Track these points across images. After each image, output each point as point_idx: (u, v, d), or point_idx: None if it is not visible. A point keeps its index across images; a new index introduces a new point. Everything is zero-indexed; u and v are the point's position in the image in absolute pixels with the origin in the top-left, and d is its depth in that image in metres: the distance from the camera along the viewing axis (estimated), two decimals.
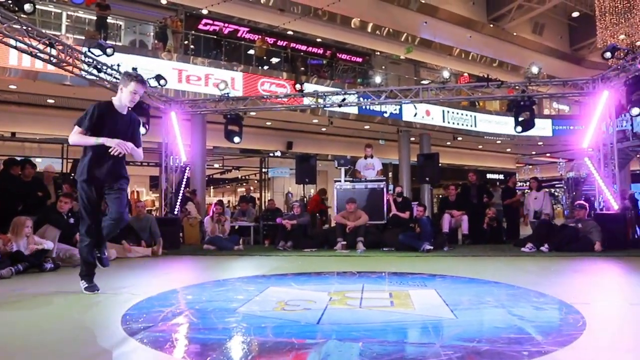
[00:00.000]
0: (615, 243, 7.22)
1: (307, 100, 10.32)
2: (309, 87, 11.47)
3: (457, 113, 17.49)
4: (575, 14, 25.42)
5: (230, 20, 17.39)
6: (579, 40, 26.53)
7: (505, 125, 18.09)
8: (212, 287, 4.13)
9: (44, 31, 7.04)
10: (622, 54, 8.06)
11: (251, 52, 15.56)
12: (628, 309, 3.18)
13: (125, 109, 3.62)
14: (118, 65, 8.16)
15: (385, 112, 15.55)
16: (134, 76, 3.57)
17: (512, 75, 22.82)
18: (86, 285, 3.68)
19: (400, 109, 15.88)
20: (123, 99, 3.55)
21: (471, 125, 17.97)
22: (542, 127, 18.78)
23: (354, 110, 14.08)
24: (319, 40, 19.40)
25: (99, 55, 7.71)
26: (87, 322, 2.84)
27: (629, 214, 8.17)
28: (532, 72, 8.86)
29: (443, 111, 17.08)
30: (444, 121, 17.15)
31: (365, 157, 9.55)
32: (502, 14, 23.51)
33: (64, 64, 7.24)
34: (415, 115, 16.24)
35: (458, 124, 17.54)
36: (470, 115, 17.94)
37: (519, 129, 9.09)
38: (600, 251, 6.77)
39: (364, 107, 14.38)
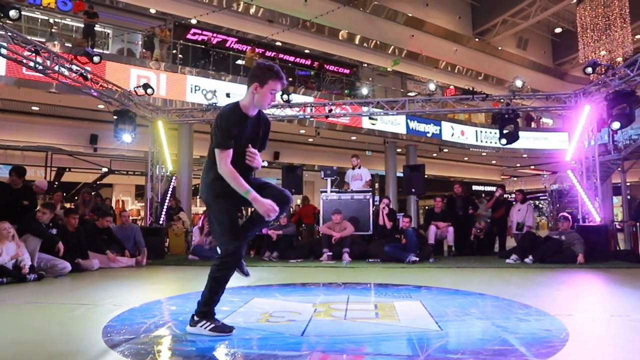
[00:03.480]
0: (598, 255, 7.32)
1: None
2: (296, 98, 11.57)
3: (491, 132, 18.06)
4: (558, 30, 26.09)
5: (219, 31, 17.46)
6: (561, 55, 27.18)
7: (545, 140, 18.73)
8: (197, 298, 4.05)
9: (29, 38, 6.98)
10: (602, 70, 8.27)
11: (239, 62, 15.60)
12: (610, 320, 3.22)
13: (255, 111, 2.79)
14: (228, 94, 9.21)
15: (428, 132, 16.80)
16: (274, 71, 2.72)
17: (497, 89, 23.24)
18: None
19: (440, 130, 17.12)
20: (258, 101, 2.71)
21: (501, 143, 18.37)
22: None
23: (342, 121, 14.20)
24: (306, 51, 19.56)
25: (85, 63, 7.66)
26: (67, 334, 2.78)
27: (612, 226, 8.30)
28: (516, 86, 9.04)
29: (476, 131, 17.96)
30: (477, 140, 17.95)
31: (353, 168, 9.55)
32: (487, 28, 24.01)
33: (50, 72, 7.16)
34: (452, 135, 17.38)
35: (491, 142, 18.12)
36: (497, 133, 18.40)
37: (504, 141, 9.23)
38: (583, 263, 6.85)
39: (410, 127, 16.17)
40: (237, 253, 2.78)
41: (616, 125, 7.54)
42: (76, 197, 12.20)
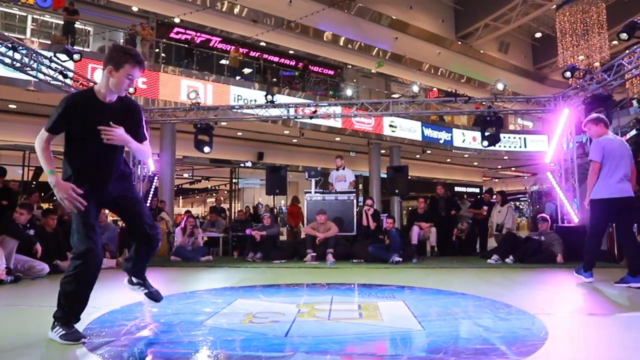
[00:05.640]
0: (576, 254, 7.44)
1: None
2: (280, 99, 11.56)
3: (506, 137, 18.41)
4: (538, 35, 26.59)
5: (202, 30, 17.32)
6: (541, 59, 27.68)
7: (525, 142, 19.08)
8: (179, 299, 4.04)
9: (6, 34, 6.83)
10: (581, 74, 8.45)
11: (223, 62, 15.51)
12: (587, 319, 3.30)
13: (114, 97, 2.63)
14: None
15: (440, 139, 17.49)
16: (130, 54, 2.57)
17: (479, 91, 23.56)
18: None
19: (452, 137, 17.75)
20: (113, 85, 2.56)
21: (521, 147, 18.83)
22: None
23: (326, 122, 14.27)
24: (291, 52, 19.53)
25: (65, 61, 7.52)
26: (46, 337, 2.71)
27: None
28: (497, 89, 9.16)
29: None
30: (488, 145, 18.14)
31: (337, 169, 9.55)
32: (469, 32, 24.32)
33: (28, 69, 7.02)
34: (463, 142, 17.90)
35: (506, 146, 18.49)
36: (520, 138, 18.92)
37: (486, 143, 9.36)
38: (562, 263, 6.99)
39: (425, 134, 16.91)
40: (86, 256, 2.52)
41: None
42: (55, 197, 11.98)
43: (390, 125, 16.10)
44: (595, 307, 3.80)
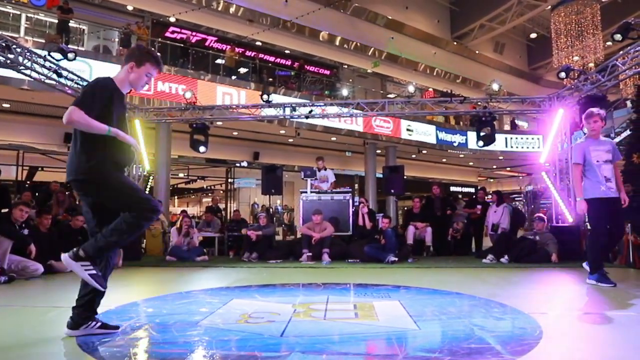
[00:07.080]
0: (570, 254, 7.49)
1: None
2: (276, 99, 11.55)
3: (521, 138, 18.61)
4: (533, 35, 26.72)
5: (198, 29, 17.28)
6: (536, 60, 27.82)
7: (520, 143, 19.23)
8: (174, 299, 4.03)
9: (0, 32, 6.79)
10: (575, 75, 8.49)
11: (219, 61, 15.47)
12: (582, 317, 3.31)
13: (127, 90, 2.79)
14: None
15: (455, 142, 17.73)
16: (152, 55, 2.76)
17: (474, 92, 23.63)
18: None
19: (466, 139, 17.94)
20: (133, 80, 2.71)
21: (538, 147, 18.82)
22: None
23: (322, 122, 14.25)
24: (287, 51, 19.51)
25: (59, 60, 7.48)
26: (40, 338, 2.70)
27: (584, 227, 8.50)
28: (493, 89, 9.19)
29: (505, 138, 18.50)
30: (506, 146, 18.40)
31: (319, 170, 9.56)
32: (465, 32, 24.39)
33: (22, 68, 6.98)
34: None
35: (522, 147, 18.63)
36: (537, 139, 18.89)
37: (481, 143, 9.38)
38: (557, 262, 7.02)
39: (439, 137, 17.24)
40: (155, 214, 2.61)
41: None
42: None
43: (407, 129, 16.70)
44: (590, 306, 3.82)
